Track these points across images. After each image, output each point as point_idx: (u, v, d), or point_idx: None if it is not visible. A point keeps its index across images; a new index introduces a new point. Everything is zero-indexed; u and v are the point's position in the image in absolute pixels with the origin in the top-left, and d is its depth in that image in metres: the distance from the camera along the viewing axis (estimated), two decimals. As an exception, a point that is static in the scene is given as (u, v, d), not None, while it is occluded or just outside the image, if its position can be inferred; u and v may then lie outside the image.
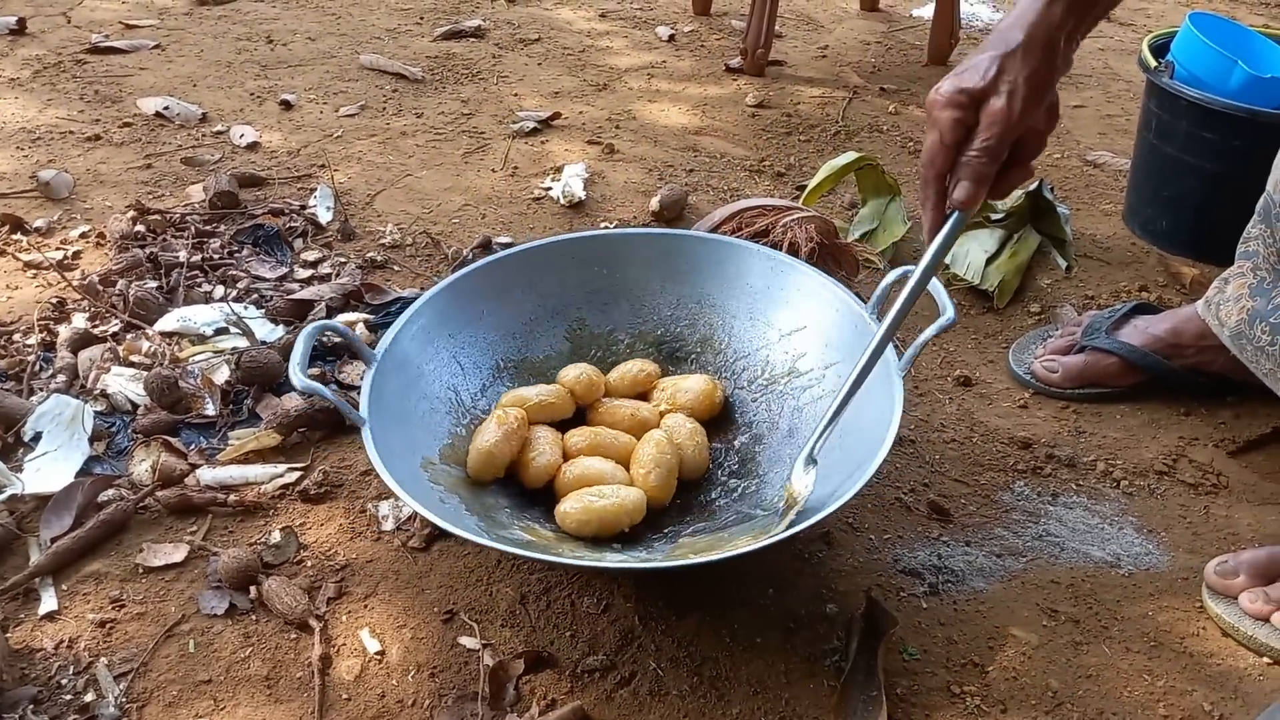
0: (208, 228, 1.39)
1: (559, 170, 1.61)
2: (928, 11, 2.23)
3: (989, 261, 1.33)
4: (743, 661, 0.84)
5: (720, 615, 0.87)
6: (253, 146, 1.64)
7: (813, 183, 1.45)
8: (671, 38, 2.17)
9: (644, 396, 1.03)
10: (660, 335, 1.08)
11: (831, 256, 1.27)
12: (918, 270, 0.80)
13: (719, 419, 1.01)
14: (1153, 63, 1.37)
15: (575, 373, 1.02)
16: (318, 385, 0.87)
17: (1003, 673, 0.84)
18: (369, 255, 1.36)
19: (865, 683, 0.81)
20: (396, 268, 1.35)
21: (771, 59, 2.03)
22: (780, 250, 1.21)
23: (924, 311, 1.30)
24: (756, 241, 1.23)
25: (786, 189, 1.59)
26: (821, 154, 1.70)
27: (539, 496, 0.94)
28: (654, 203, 1.49)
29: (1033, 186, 1.38)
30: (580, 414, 1.02)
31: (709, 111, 1.85)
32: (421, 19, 2.20)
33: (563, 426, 0.99)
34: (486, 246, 1.40)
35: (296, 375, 0.86)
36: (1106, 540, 0.97)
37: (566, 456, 0.95)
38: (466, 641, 0.85)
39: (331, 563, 0.92)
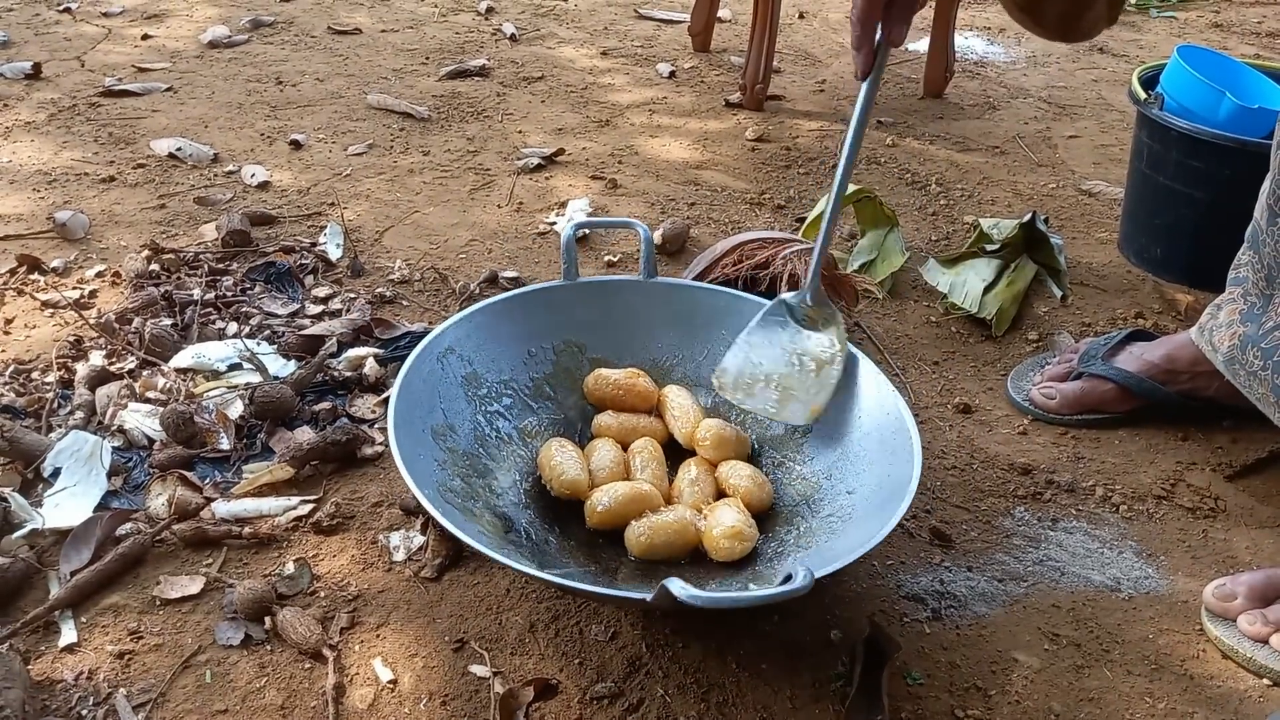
0: (221, 266, 1.42)
1: (563, 205, 1.64)
2: (923, 45, 2.28)
3: (986, 290, 1.36)
4: (749, 688, 0.85)
5: (726, 642, 0.89)
6: (264, 186, 1.67)
7: (812, 215, 1.48)
8: (672, 74, 2.21)
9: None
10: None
11: (831, 287, 1.29)
12: (859, 102, 0.93)
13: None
14: (1143, 95, 1.41)
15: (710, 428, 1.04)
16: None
17: (1005, 697, 0.85)
18: (378, 291, 1.39)
19: (870, 708, 0.82)
20: (405, 303, 1.38)
21: (770, 94, 2.07)
22: (781, 282, 1.24)
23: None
24: (755, 274, 1.26)
25: (787, 221, 1.63)
26: (820, 186, 1.73)
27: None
28: (657, 236, 1.52)
29: (1026, 218, 1.41)
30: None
31: (709, 146, 1.89)
32: (427, 59, 2.25)
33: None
34: (493, 281, 1.43)
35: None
36: (1106, 564, 0.98)
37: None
38: (477, 670, 0.86)
39: (344, 593, 0.93)
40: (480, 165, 1.78)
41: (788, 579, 0.75)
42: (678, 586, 0.72)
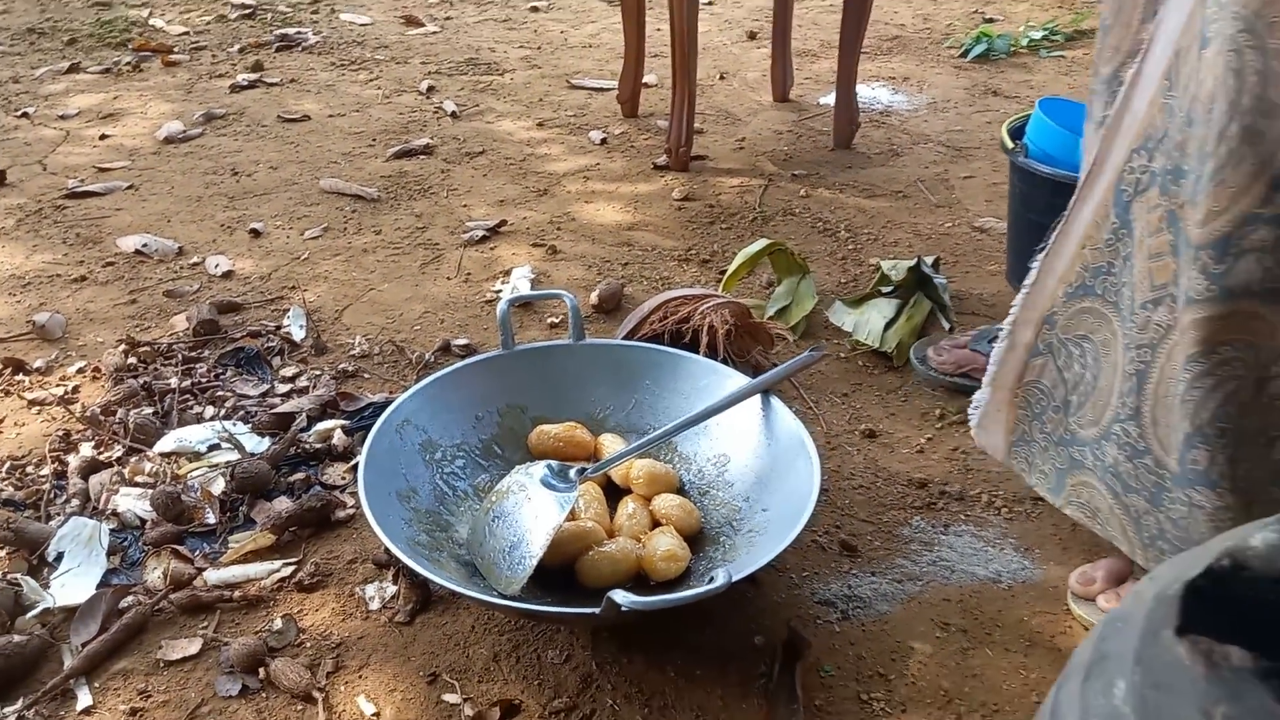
0: (193, 354, 1.55)
1: (508, 273, 1.79)
2: (831, 99, 2.48)
3: (887, 327, 1.52)
4: (686, 692, 0.98)
5: (665, 655, 1.02)
6: (228, 275, 1.80)
7: (730, 269, 1.65)
8: (604, 141, 2.39)
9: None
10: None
11: (749, 335, 1.46)
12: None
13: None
14: (1010, 144, 1.60)
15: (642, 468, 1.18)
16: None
17: (903, 679, 0.99)
18: (341, 366, 1.52)
19: (788, 699, 0.96)
20: (366, 375, 1.51)
21: (695, 154, 2.25)
22: (702, 334, 1.40)
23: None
24: (679, 329, 1.41)
25: (711, 274, 1.79)
26: (741, 240, 1.90)
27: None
28: (593, 296, 1.67)
29: (913, 261, 1.59)
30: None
31: (640, 208, 2.05)
32: (374, 141, 2.40)
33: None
34: (446, 349, 1.57)
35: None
36: (990, 560, 1.14)
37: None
38: (449, 698, 0.99)
39: (328, 641, 1.06)
40: (429, 240, 1.93)
41: (710, 581, 0.90)
42: (620, 596, 0.86)
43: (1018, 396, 1.05)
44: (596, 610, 0.89)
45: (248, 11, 3.40)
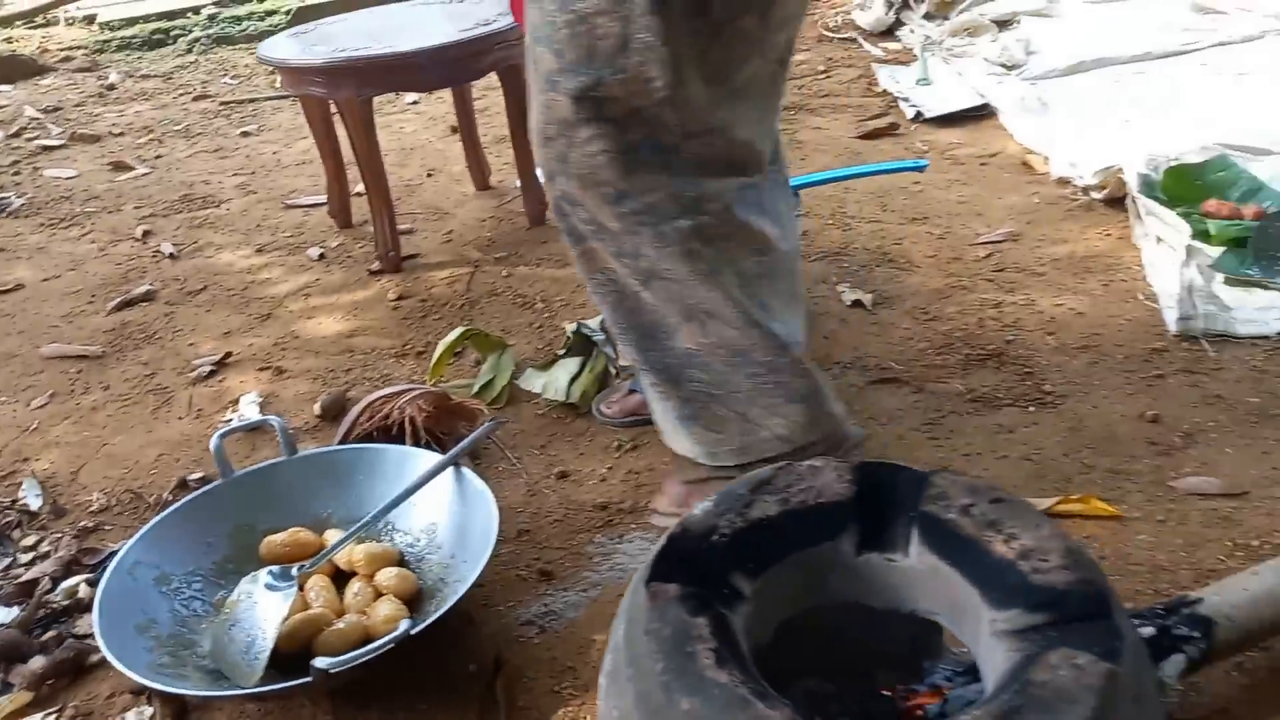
0: (-74, 547, 1.60)
1: (236, 402, 1.94)
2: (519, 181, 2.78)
3: (572, 382, 1.81)
4: (417, 725, 1.20)
5: (398, 700, 1.23)
6: (-47, 461, 1.84)
7: (433, 360, 1.89)
8: (322, 256, 2.57)
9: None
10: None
11: (452, 415, 1.70)
12: None
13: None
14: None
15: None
16: None
17: (587, 667, 1.25)
18: (82, 524, 1.62)
19: (495, 708, 1.20)
20: (109, 527, 1.62)
21: (406, 254, 2.48)
22: (406, 425, 1.62)
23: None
24: (386, 423, 1.63)
25: (426, 365, 2.01)
26: (453, 326, 2.13)
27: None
28: (316, 408, 1.86)
29: (575, 327, 1.89)
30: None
31: (359, 314, 2.25)
32: (93, 297, 2.46)
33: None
34: (183, 485, 1.70)
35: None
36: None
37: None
38: (212, 787, 1.15)
39: (96, 773, 1.19)
40: (158, 385, 2.04)
41: (394, 631, 1.12)
42: (321, 661, 1.07)
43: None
44: (310, 679, 1.09)
45: (-61, 184, 3.32)
